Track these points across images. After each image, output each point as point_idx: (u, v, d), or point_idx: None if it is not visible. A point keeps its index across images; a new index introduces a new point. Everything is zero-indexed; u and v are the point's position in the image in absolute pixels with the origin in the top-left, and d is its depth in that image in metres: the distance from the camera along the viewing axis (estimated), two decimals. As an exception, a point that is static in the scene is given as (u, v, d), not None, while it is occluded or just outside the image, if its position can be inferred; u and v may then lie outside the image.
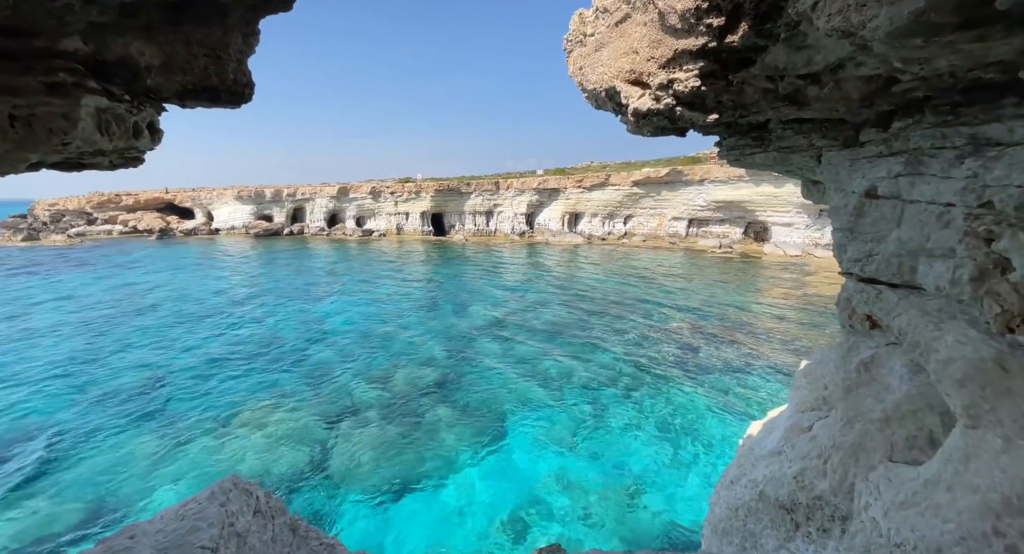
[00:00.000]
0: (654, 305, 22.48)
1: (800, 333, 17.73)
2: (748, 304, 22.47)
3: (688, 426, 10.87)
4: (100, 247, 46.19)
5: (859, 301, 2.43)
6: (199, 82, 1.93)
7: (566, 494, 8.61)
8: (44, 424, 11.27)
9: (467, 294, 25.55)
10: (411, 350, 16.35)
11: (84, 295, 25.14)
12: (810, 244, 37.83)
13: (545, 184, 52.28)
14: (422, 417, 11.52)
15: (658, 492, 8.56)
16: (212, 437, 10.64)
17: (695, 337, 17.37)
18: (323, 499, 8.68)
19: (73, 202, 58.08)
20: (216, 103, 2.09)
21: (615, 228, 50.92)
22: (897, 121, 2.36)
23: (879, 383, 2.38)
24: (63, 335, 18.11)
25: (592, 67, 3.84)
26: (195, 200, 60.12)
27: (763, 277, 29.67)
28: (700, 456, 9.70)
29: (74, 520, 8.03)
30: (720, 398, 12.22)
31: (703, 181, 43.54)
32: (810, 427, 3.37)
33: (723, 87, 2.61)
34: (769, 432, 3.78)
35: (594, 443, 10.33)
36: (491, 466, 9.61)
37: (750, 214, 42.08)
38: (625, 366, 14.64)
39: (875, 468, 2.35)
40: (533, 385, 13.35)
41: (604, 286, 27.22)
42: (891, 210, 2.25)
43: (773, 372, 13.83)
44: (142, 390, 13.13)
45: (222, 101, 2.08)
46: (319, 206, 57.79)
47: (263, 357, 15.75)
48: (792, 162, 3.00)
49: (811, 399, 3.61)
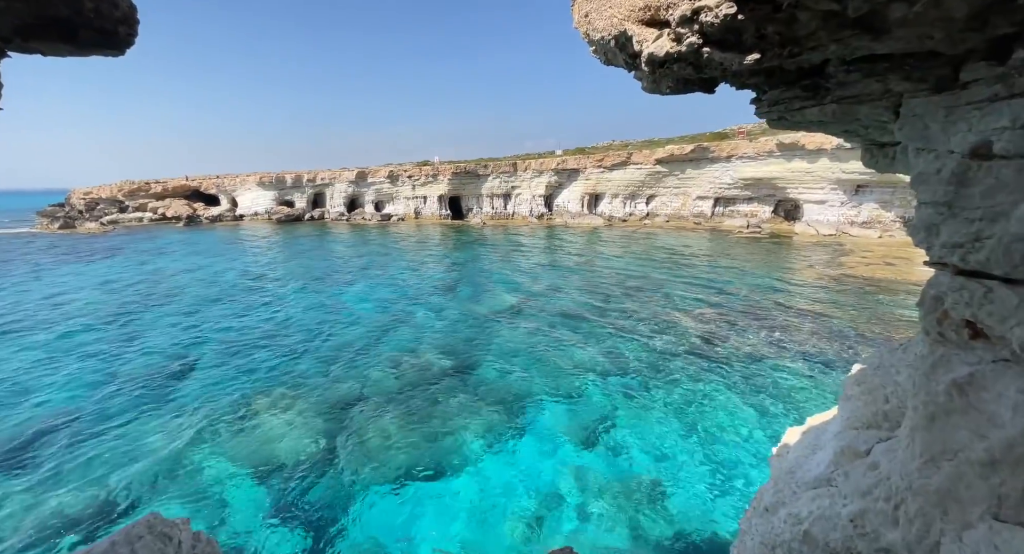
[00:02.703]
0: (678, 289, 21.57)
1: (838, 316, 16.63)
2: (779, 286, 21.31)
3: (714, 423, 10.23)
4: (131, 234, 47.69)
5: (956, 301, 1.79)
6: (40, 12, 1.40)
7: (581, 491, 8.20)
8: (63, 407, 11.51)
9: (484, 278, 25.14)
10: (427, 336, 16.10)
11: (112, 281, 25.87)
12: (845, 222, 35.74)
13: (564, 165, 50.91)
14: (437, 405, 11.27)
15: (679, 496, 8.03)
16: (228, 423, 10.64)
17: (722, 323, 16.51)
18: (336, 485, 8.57)
19: (106, 191, 60.00)
20: (80, 47, 1.53)
21: (637, 209, 49.40)
22: (1021, 49, 1.67)
23: (980, 412, 1.76)
24: (91, 320, 18.61)
25: (599, 11, 3.15)
26: (219, 187, 61.22)
27: (795, 257, 28.17)
28: (727, 458, 9.09)
29: (83, 506, 8.10)
30: (750, 391, 11.50)
31: (730, 158, 41.50)
32: (868, 451, 2.75)
33: (767, 14, 1.93)
34: (812, 449, 3.18)
35: (612, 437, 9.85)
36: (505, 458, 9.28)
37: (780, 191, 39.99)
38: (647, 354, 14.01)
39: (973, 526, 1.75)
40: (550, 373, 12.90)
41: (625, 269, 26.35)
42: (1014, 175, 1.58)
43: (808, 361, 12.97)
44: (161, 374, 13.29)
45: (87, 43, 1.52)
46: (339, 191, 58.04)
47: (281, 342, 15.79)
48: (857, 117, 2.32)
49: (867, 414, 2.98)
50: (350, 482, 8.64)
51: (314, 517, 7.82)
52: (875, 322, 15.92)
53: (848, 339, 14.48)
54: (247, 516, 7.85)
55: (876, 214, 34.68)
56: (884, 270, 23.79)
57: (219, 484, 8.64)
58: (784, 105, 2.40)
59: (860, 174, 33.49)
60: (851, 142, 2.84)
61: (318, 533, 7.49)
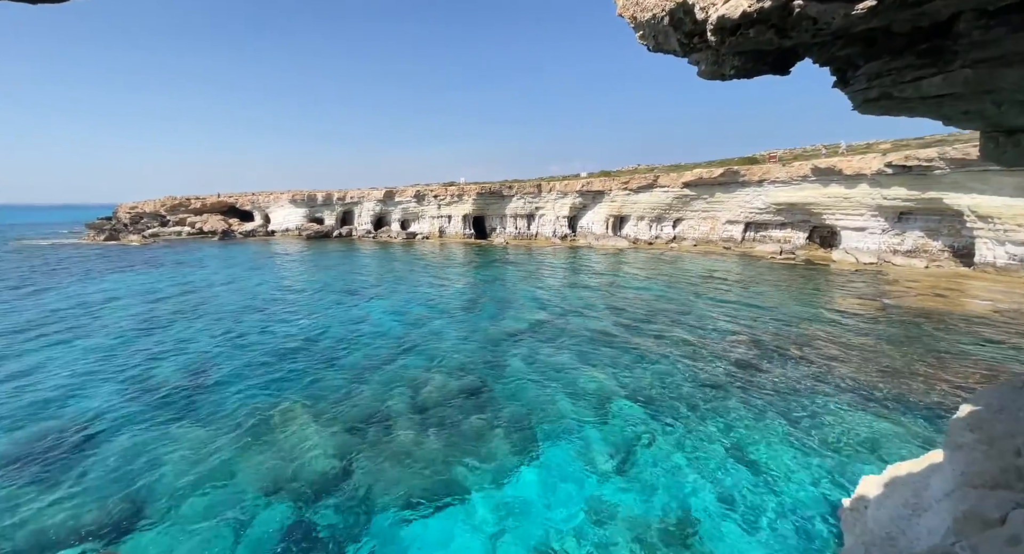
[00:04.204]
0: (708, 312, 20.60)
1: (886, 349, 15.39)
2: (818, 314, 20.08)
3: (753, 460, 9.32)
4: (170, 246, 49.77)
5: None
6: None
7: (600, 528, 7.45)
8: (83, 413, 11.52)
9: (506, 298, 24.74)
10: (447, 355, 15.69)
11: (148, 291, 26.71)
12: (887, 251, 33.94)
13: (589, 186, 50.77)
14: (454, 428, 10.75)
15: (715, 539, 7.19)
16: (244, 438, 10.39)
17: (757, 350, 15.51)
18: (346, 509, 8.11)
19: (150, 205, 63.23)
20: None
21: (663, 232, 48.49)
22: None
23: None
24: (126, 326, 19.05)
25: (652, -13, 2.81)
26: (254, 203, 63.65)
27: (834, 285, 26.72)
28: (768, 501, 8.18)
29: (93, 514, 7.86)
30: (791, 426, 10.53)
31: (762, 182, 40.46)
32: (1002, 519, 2.14)
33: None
34: (913, 510, 2.57)
35: (637, 471, 9.06)
36: (521, 489, 8.63)
37: (816, 217, 38.51)
38: (675, 381, 13.17)
39: None
40: (571, 399, 12.23)
41: (650, 292, 25.51)
42: None
43: (857, 397, 11.88)
44: (183, 385, 13.27)
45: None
46: (366, 209, 59.42)
47: (302, 356, 15.68)
48: (996, 88, 1.85)
49: (992, 469, 2.37)
50: (358, 507, 8.16)
51: (323, 537, 7.33)
52: (929, 356, 14.63)
53: (900, 374, 13.29)
54: (258, 532, 7.43)
55: (922, 242, 32.82)
56: (934, 301, 22.20)
57: (234, 498, 8.29)
58: (891, 77, 1.95)
59: (903, 201, 31.94)
60: (969, 127, 2.35)
61: None
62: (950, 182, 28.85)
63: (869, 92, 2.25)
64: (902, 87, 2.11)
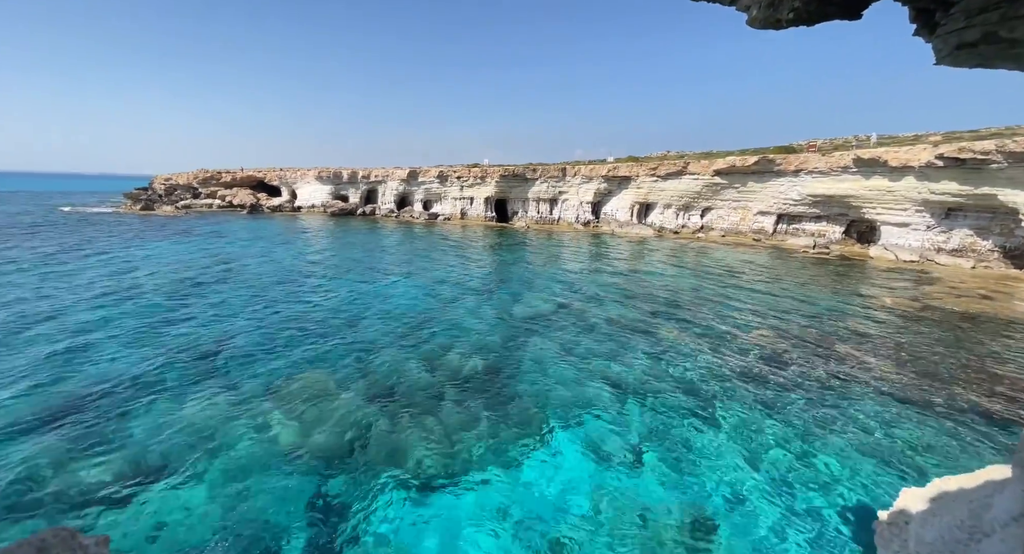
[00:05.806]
0: (735, 305, 19.91)
1: (924, 352, 14.55)
2: (853, 312, 19.15)
3: (777, 460, 8.95)
4: (202, 218, 51.30)
5: None
6: None
7: (612, 519, 7.29)
8: (101, 380, 11.98)
9: (525, 282, 24.51)
10: (463, 335, 15.66)
11: (178, 260, 27.59)
12: (931, 249, 32.05)
13: (615, 172, 49.48)
14: (467, 407, 10.73)
15: (735, 540, 6.93)
16: (259, 407, 10.63)
17: (786, 347, 14.90)
18: (357, 480, 8.20)
19: (183, 177, 65.05)
20: None
21: (690, 221, 47.05)
22: None
23: None
24: (148, 296, 19.72)
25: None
26: (282, 179, 64.70)
27: (871, 283, 25.44)
28: (797, 503, 7.84)
29: (107, 477, 8.16)
30: (819, 428, 10.07)
31: (798, 172, 38.58)
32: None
33: None
34: (971, 533, 2.26)
35: (653, 462, 8.83)
36: (532, 472, 8.54)
37: (854, 211, 36.59)
38: (696, 375, 12.78)
39: None
40: (587, 386, 12.01)
41: (675, 282, 24.83)
42: None
43: (890, 400, 11.27)
44: (202, 354, 13.65)
45: None
46: (390, 188, 59.63)
47: (321, 330, 15.92)
48: None
49: (1077, 493, 2.03)
50: (368, 478, 8.23)
51: (328, 513, 7.43)
52: (978, 361, 13.74)
53: (940, 379, 12.53)
54: (263, 503, 7.58)
55: (970, 241, 30.82)
56: (980, 304, 20.86)
57: (241, 464, 8.49)
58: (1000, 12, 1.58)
59: (953, 196, 29.92)
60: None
61: (331, 530, 7.08)
62: (1006, 177, 26.80)
63: (966, 33, 1.84)
64: (1013, 24, 1.72)
